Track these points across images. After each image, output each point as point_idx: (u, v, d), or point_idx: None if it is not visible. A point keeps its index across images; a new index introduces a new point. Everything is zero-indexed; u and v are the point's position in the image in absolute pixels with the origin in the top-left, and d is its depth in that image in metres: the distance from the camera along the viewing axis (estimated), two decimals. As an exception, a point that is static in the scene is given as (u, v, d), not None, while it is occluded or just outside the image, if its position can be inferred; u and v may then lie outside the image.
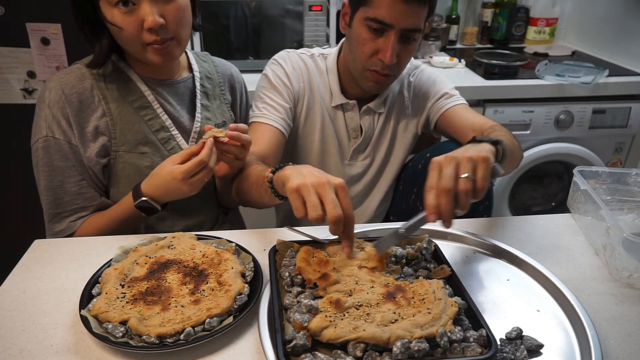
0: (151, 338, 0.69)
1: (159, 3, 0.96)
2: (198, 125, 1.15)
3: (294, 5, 1.87)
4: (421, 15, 1.08)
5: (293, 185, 0.78)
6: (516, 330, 0.72)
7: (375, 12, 1.07)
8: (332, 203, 0.75)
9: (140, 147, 1.08)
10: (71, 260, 0.92)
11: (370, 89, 1.21)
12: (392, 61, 1.10)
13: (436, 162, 0.80)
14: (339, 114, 1.29)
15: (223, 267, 0.82)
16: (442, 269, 0.81)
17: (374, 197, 1.39)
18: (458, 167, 0.78)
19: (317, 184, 0.77)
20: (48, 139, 1.02)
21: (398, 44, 1.10)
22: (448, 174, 0.77)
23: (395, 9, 1.05)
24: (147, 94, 1.08)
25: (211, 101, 1.19)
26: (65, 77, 1.03)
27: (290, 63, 1.26)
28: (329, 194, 0.76)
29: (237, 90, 1.28)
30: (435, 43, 2.21)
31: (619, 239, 0.86)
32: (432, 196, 0.78)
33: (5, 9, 1.60)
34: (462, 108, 1.26)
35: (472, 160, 0.79)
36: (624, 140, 2.07)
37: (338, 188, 0.78)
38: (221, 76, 1.23)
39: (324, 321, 0.67)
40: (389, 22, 1.07)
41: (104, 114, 1.05)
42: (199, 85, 1.17)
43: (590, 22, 2.38)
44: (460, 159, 0.79)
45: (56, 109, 1.01)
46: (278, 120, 1.19)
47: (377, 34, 1.10)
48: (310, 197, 0.76)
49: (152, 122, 1.09)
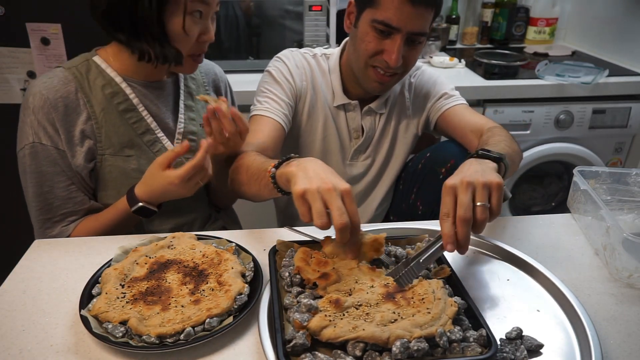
0: (151, 338, 0.69)
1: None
2: (182, 126, 1.15)
3: (294, 5, 1.87)
4: (428, 18, 1.08)
5: (299, 190, 0.77)
6: (516, 330, 0.72)
7: (382, 15, 1.06)
8: (338, 210, 0.74)
9: (125, 150, 1.08)
10: (71, 260, 0.92)
11: (374, 89, 1.21)
12: (398, 64, 1.10)
13: (450, 187, 0.79)
14: (341, 114, 1.29)
15: (223, 267, 0.82)
16: (442, 269, 0.81)
17: (374, 197, 1.39)
18: (474, 194, 0.78)
19: (324, 189, 0.76)
20: (35, 145, 1.01)
21: (404, 47, 1.09)
22: (465, 202, 0.77)
23: (403, 13, 1.05)
24: (131, 96, 1.08)
25: (195, 101, 1.20)
26: (49, 81, 1.02)
27: (293, 61, 1.26)
28: (335, 201, 0.75)
29: (222, 90, 1.29)
30: (435, 43, 2.21)
31: (619, 239, 0.85)
32: (449, 225, 0.77)
33: (5, 9, 1.60)
34: (461, 108, 1.26)
35: (487, 186, 0.79)
36: (624, 140, 2.07)
37: (344, 194, 0.76)
38: (205, 76, 1.24)
39: (323, 321, 0.67)
40: (396, 25, 1.06)
41: (89, 118, 1.04)
42: (183, 86, 1.17)
43: (590, 22, 2.38)
44: (476, 185, 0.78)
45: (41, 115, 1.00)
46: (278, 113, 1.18)
47: (383, 36, 1.09)
48: (316, 204, 0.75)
49: (137, 124, 1.08)
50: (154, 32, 0.97)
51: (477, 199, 0.78)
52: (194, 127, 1.17)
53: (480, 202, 0.77)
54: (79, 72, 1.05)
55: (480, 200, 0.78)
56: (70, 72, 1.04)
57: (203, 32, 1.02)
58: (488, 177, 0.80)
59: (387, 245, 0.87)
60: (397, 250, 0.85)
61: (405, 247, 0.87)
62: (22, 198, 1.09)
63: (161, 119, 1.12)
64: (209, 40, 1.04)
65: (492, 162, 0.89)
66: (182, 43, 1.01)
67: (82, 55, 1.09)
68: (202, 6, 0.99)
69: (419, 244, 0.87)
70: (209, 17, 1.02)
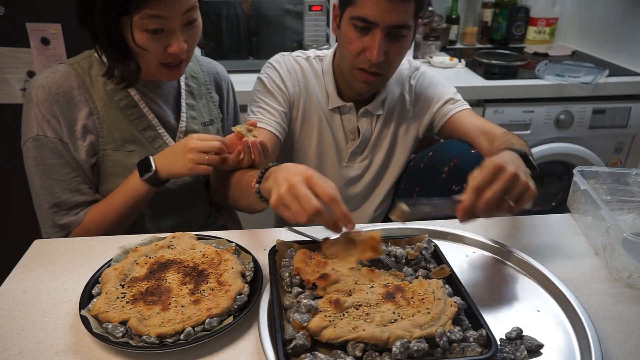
0: (151, 338, 0.69)
1: (184, 30, 0.99)
2: (184, 124, 1.16)
3: (294, 5, 1.87)
4: (407, 10, 1.08)
5: (273, 202, 0.80)
6: (516, 330, 0.72)
7: (359, 11, 1.07)
8: (304, 198, 0.76)
9: (127, 146, 1.08)
10: (71, 260, 0.92)
11: (361, 89, 1.21)
12: (380, 59, 1.10)
13: (498, 166, 0.79)
14: (336, 117, 1.28)
15: (223, 267, 0.82)
16: (441, 269, 0.81)
17: (374, 198, 1.38)
18: (511, 187, 0.79)
19: (289, 189, 0.78)
20: (39, 138, 1.02)
21: (385, 42, 1.10)
22: (501, 190, 0.78)
23: (379, 6, 1.05)
24: (133, 93, 1.08)
25: (197, 100, 1.20)
26: (51, 75, 1.03)
27: (285, 66, 1.25)
28: (300, 191, 0.77)
29: (224, 89, 1.28)
30: (435, 43, 2.21)
31: (619, 239, 0.86)
32: (474, 198, 0.78)
33: (5, 9, 1.60)
34: (468, 113, 1.27)
35: (524, 188, 0.80)
36: (624, 140, 2.07)
37: (306, 179, 0.78)
38: (207, 75, 1.24)
39: (323, 321, 0.67)
40: (373, 19, 1.07)
41: (91, 113, 1.05)
42: (184, 85, 1.18)
43: (590, 22, 2.38)
44: (518, 182, 0.80)
45: (44, 108, 1.02)
46: (273, 124, 1.19)
47: (363, 33, 1.10)
48: (291, 206, 0.78)
49: (138, 121, 1.09)
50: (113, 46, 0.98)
51: (510, 194, 0.79)
52: (195, 125, 1.18)
53: (510, 199, 0.79)
54: (81, 68, 1.06)
55: (511, 198, 0.79)
56: (73, 67, 1.05)
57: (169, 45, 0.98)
58: (530, 182, 0.82)
59: (387, 245, 0.87)
60: (397, 250, 0.85)
61: (405, 247, 0.87)
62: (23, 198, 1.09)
63: (162, 116, 1.12)
64: (177, 52, 0.98)
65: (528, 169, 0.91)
66: (144, 58, 1.00)
67: (85, 52, 1.09)
68: (158, 22, 0.94)
69: (419, 244, 0.87)
70: (176, 30, 0.97)
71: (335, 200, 0.78)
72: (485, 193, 0.78)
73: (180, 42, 0.98)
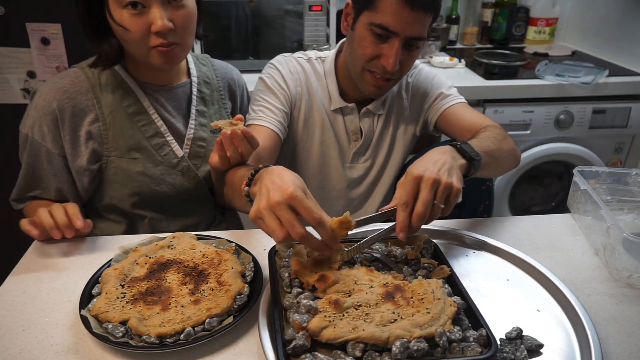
0: (151, 338, 0.69)
1: (168, 8, 0.96)
2: (192, 131, 1.14)
3: (294, 5, 1.87)
4: (426, 23, 1.08)
5: (251, 216, 0.76)
6: (516, 330, 0.72)
7: (380, 18, 1.05)
8: (288, 224, 0.72)
9: (132, 153, 1.07)
10: (71, 260, 0.92)
11: (371, 93, 1.20)
12: (395, 69, 1.09)
13: (415, 178, 0.82)
14: (339, 118, 1.28)
15: (223, 267, 0.82)
16: (441, 269, 0.81)
17: (374, 198, 1.38)
18: (436, 191, 0.82)
19: (271, 205, 0.73)
20: (28, 137, 1.05)
21: (401, 51, 1.08)
22: (427, 200, 0.81)
23: (402, 17, 1.03)
24: (142, 99, 1.08)
25: (208, 106, 1.18)
26: (60, 81, 1.04)
27: (287, 67, 1.25)
28: (283, 215, 0.72)
29: (238, 95, 1.27)
30: (435, 43, 2.21)
31: (619, 239, 0.86)
32: (406, 215, 0.81)
33: (5, 9, 1.60)
34: (459, 107, 1.25)
35: (448, 188, 0.82)
36: (624, 140, 2.07)
37: (290, 200, 0.72)
38: (221, 80, 1.23)
39: (323, 321, 0.67)
40: (394, 29, 1.05)
41: (97, 119, 1.05)
42: (196, 91, 1.16)
43: (590, 22, 2.38)
44: (440, 184, 0.82)
45: (41, 114, 1.02)
46: (274, 122, 1.17)
47: (380, 40, 1.08)
48: (267, 223, 0.73)
49: (145, 127, 1.08)
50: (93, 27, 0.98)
51: (437, 197, 0.82)
52: (204, 133, 1.16)
53: (438, 203, 0.82)
54: (92, 73, 1.05)
55: (439, 200, 0.82)
56: (83, 71, 1.05)
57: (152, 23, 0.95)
58: (452, 178, 0.84)
59: (387, 245, 0.87)
60: (397, 250, 0.85)
61: (405, 247, 0.87)
62: (23, 198, 1.09)
63: (172, 123, 1.12)
64: (160, 29, 0.95)
65: (466, 161, 0.91)
66: (130, 41, 0.97)
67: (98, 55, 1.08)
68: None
69: (418, 244, 0.87)
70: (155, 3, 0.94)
71: (322, 224, 0.74)
72: (416, 208, 0.81)
73: (161, 19, 0.94)
